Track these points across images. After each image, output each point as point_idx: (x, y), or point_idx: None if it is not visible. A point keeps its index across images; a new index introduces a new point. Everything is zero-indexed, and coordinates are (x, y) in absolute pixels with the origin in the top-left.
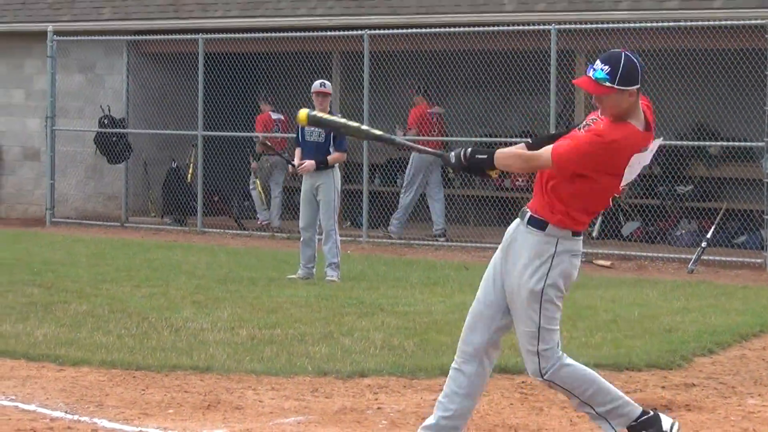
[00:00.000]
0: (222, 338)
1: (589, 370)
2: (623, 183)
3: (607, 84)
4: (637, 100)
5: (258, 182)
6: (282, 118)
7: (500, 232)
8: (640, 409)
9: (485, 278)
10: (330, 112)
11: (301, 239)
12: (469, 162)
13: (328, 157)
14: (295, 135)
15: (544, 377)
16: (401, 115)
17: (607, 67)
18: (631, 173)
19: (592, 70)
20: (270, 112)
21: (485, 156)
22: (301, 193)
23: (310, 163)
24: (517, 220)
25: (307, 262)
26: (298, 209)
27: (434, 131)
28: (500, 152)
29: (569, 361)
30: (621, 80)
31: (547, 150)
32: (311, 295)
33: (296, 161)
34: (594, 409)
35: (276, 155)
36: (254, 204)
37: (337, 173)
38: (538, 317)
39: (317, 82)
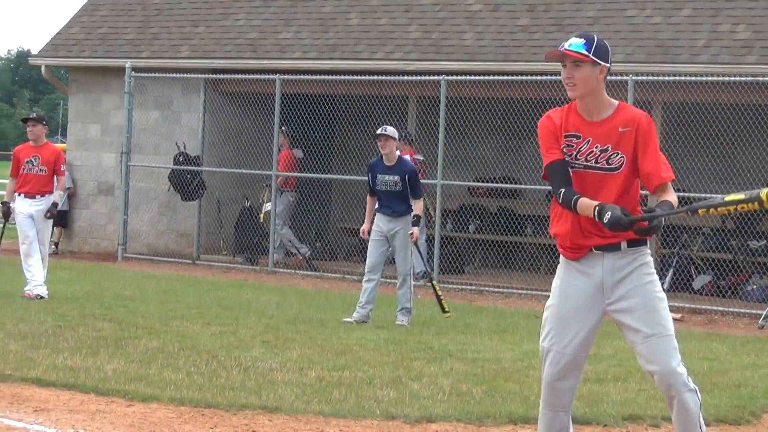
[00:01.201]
0: (291, 379)
1: None
2: None
3: (584, 51)
4: (603, 81)
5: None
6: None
7: None
8: None
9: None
10: (399, 158)
11: (365, 280)
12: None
13: (415, 207)
14: (367, 181)
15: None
16: (475, 160)
17: (582, 39)
18: None
19: (566, 43)
20: (293, 151)
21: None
22: (372, 234)
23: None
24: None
25: (367, 303)
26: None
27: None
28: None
29: None
30: (596, 52)
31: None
32: (380, 339)
33: (366, 225)
34: None
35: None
36: (289, 241)
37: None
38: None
39: (380, 128)
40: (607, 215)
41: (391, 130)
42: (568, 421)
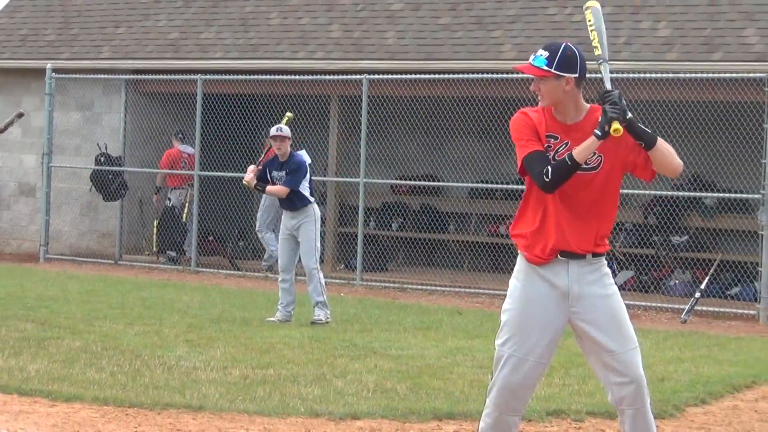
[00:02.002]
0: (215, 377)
1: None
2: None
3: (545, 68)
4: (576, 90)
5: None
6: (191, 152)
7: (494, 278)
8: None
9: None
10: (291, 154)
11: (280, 280)
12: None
13: (275, 188)
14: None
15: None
16: (397, 158)
17: (546, 53)
18: None
19: (533, 57)
20: (178, 147)
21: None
22: (280, 233)
23: (249, 176)
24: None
25: (288, 304)
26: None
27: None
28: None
29: None
30: (558, 66)
31: None
32: (304, 337)
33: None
34: None
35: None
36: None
37: (316, 211)
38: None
39: (274, 128)
40: (614, 94)
41: (286, 130)
42: (518, 424)
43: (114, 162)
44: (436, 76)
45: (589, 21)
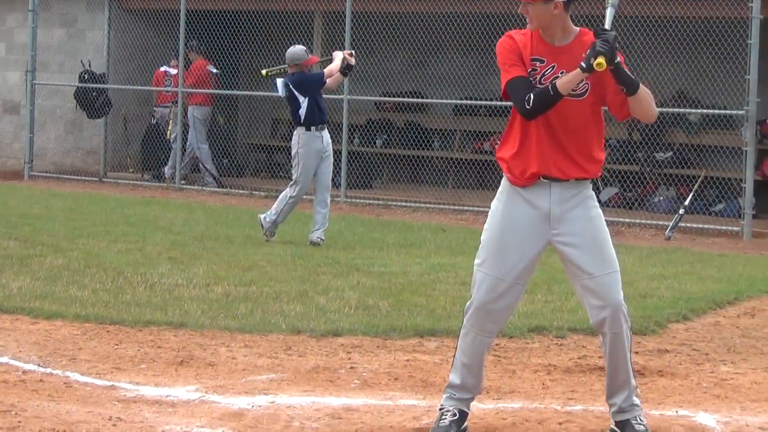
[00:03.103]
0: (197, 295)
1: None
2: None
3: None
4: (565, 13)
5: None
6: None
7: (478, 195)
8: None
9: None
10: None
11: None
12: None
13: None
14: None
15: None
16: (382, 75)
17: None
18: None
19: None
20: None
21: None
22: (312, 152)
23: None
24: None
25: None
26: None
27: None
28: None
29: None
30: None
31: None
32: (287, 254)
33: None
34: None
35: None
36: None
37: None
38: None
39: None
40: (610, 34)
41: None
42: (491, 344)
43: (98, 79)
44: None
45: None
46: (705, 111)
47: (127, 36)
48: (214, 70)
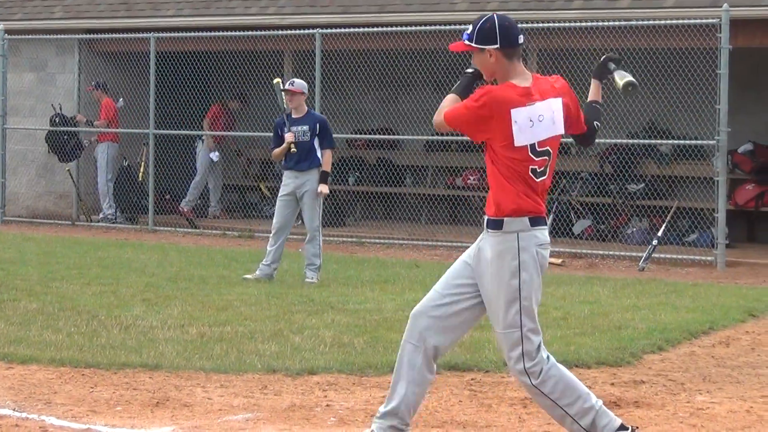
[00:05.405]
0: (172, 336)
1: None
2: (522, 142)
3: (466, 42)
4: (506, 60)
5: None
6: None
7: (451, 231)
8: (620, 421)
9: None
10: (310, 111)
11: (273, 239)
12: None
13: (324, 161)
14: (273, 132)
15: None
16: (353, 112)
17: (470, 27)
18: (526, 132)
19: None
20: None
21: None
22: (281, 193)
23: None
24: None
25: (273, 261)
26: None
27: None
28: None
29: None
30: (477, 39)
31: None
32: (261, 293)
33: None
34: (579, 423)
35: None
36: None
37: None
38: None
39: (287, 82)
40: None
41: (298, 83)
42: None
43: (69, 122)
44: (390, 29)
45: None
46: (676, 141)
47: (98, 79)
48: (121, 104)
